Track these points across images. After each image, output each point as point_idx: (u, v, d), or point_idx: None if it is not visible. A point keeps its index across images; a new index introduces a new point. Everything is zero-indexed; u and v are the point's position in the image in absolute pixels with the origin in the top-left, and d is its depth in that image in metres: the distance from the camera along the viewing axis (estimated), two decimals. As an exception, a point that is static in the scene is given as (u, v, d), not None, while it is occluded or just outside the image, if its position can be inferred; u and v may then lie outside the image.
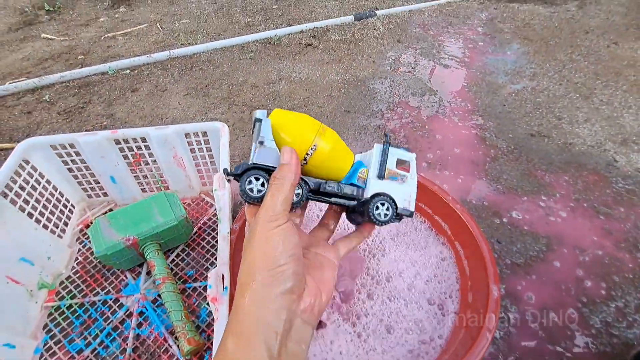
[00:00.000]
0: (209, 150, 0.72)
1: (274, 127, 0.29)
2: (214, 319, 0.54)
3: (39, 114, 1.12)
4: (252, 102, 1.15)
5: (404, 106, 1.14)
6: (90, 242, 0.69)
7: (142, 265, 0.67)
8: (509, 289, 0.66)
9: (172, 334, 0.57)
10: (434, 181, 0.58)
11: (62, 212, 0.70)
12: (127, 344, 0.56)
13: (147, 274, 0.66)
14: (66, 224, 0.71)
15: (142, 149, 0.70)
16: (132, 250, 0.62)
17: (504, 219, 0.78)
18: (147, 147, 0.69)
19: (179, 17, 1.83)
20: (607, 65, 1.35)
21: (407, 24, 1.70)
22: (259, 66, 1.37)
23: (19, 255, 0.57)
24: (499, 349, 0.58)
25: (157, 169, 0.74)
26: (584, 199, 0.84)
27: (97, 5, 2.00)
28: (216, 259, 0.69)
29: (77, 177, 0.72)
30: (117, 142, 0.68)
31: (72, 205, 0.74)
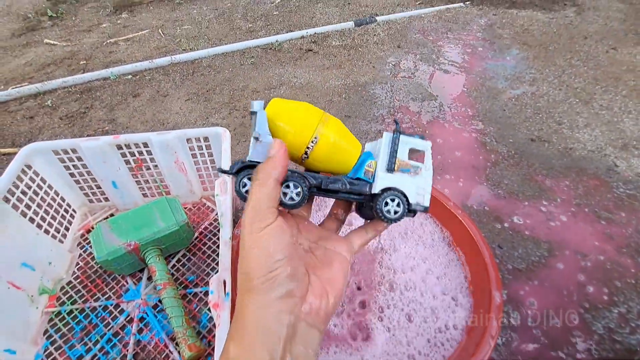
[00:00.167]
0: (210, 155, 0.72)
1: (271, 119, 0.27)
2: (215, 325, 0.54)
3: (41, 119, 1.12)
4: (253, 107, 1.16)
5: (404, 111, 1.15)
6: (91, 247, 0.69)
7: (143, 270, 0.67)
8: (510, 295, 0.66)
9: (173, 339, 0.57)
10: (435, 187, 0.58)
11: (63, 217, 0.70)
12: (127, 350, 0.56)
13: (148, 279, 0.65)
14: (67, 229, 0.71)
15: (143, 154, 0.70)
16: (133, 255, 0.62)
17: (505, 224, 0.78)
18: (149, 152, 0.70)
19: (181, 23, 1.84)
20: (606, 70, 1.36)
21: (406, 29, 1.72)
22: (260, 71, 1.38)
23: (20, 260, 0.57)
24: (501, 354, 0.58)
25: (159, 174, 0.74)
26: (585, 204, 0.84)
27: (100, 11, 2.01)
28: (217, 264, 0.68)
29: (78, 182, 0.72)
30: (119, 147, 0.69)
31: (74, 210, 0.74)
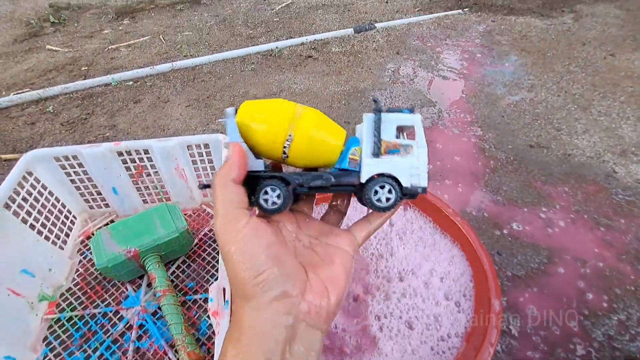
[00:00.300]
0: (211, 162, 0.72)
1: (243, 123, 0.25)
2: (214, 332, 0.54)
3: (42, 124, 1.13)
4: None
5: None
6: (91, 253, 0.69)
7: (142, 277, 0.67)
8: (510, 301, 0.66)
9: (172, 347, 0.57)
10: (435, 193, 0.59)
11: (63, 223, 0.70)
12: (126, 357, 0.56)
13: (148, 286, 0.65)
14: (67, 235, 0.71)
15: (144, 161, 0.70)
16: (133, 262, 0.62)
17: (505, 231, 0.78)
18: (150, 159, 0.70)
19: (182, 30, 1.86)
20: (604, 76, 1.37)
21: (405, 36, 1.73)
22: (260, 78, 1.38)
23: (21, 267, 0.57)
24: (501, 362, 0.58)
25: (159, 180, 0.74)
26: (584, 210, 0.84)
27: (102, 17, 2.03)
28: (216, 271, 0.69)
29: (79, 189, 0.72)
30: (120, 153, 0.69)
31: (74, 216, 0.74)
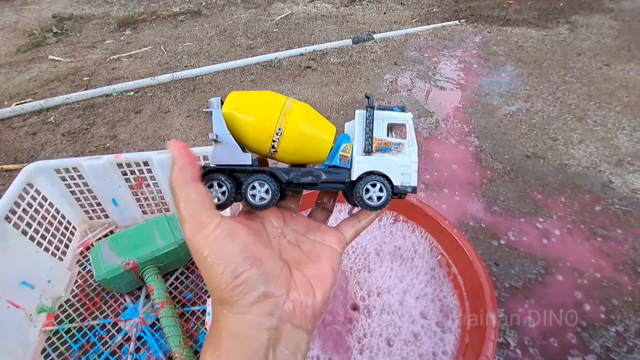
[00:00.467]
0: (210, 173, 0.73)
1: (230, 115, 0.25)
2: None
3: (43, 135, 1.14)
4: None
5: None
6: (90, 264, 0.70)
7: (141, 288, 0.67)
8: (507, 313, 0.66)
9: (171, 359, 0.57)
10: (432, 205, 0.59)
11: (63, 234, 0.71)
12: (124, 370, 0.56)
13: (146, 298, 0.66)
14: (67, 247, 0.71)
15: (144, 172, 0.71)
16: (132, 273, 0.62)
17: (502, 241, 0.79)
18: (149, 171, 0.71)
19: (183, 40, 1.88)
20: (600, 86, 1.38)
21: (403, 47, 1.76)
22: (260, 88, 1.40)
23: (20, 279, 0.58)
24: (499, 375, 0.58)
25: (158, 192, 0.75)
26: (581, 221, 0.84)
27: (104, 28, 2.06)
28: (215, 282, 0.69)
29: (79, 200, 0.73)
30: (120, 165, 0.70)
31: (74, 227, 0.75)
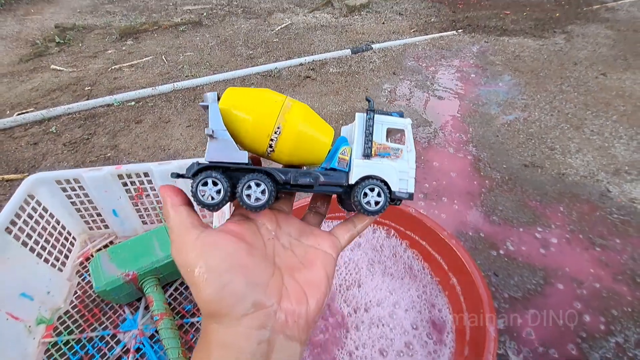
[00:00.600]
0: (210, 183, 0.73)
1: (227, 110, 0.24)
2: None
3: (45, 145, 1.15)
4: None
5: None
6: (89, 275, 0.70)
7: (140, 299, 0.67)
8: (507, 324, 0.66)
9: (169, 372, 0.56)
10: (431, 214, 0.60)
11: (63, 245, 0.71)
12: (122, 383, 0.55)
13: (146, 309, 0.65)
14: (67, 257, 0.71)
15: (144, 183, 0.72)
16: (131, 285, 0.62)
17: (501, 251, 0.79)
18: (149, 182, 0.71)
19: (184, 50, 1.90)
20: (596, 95, 1.40)
21: (401, 57, 1.78)
22: (260, 97, 1.41)
23: (20, 290, 0.58)
24: (499, 387, 0.57)
25: (159, 202, 0.75)
26: (579, 230, 0.85)
27: (106, 38, 2.08)
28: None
29: (79, 210, 0.73)
30: (121, 176, 0.70)
31: (73, 237, 0.75)
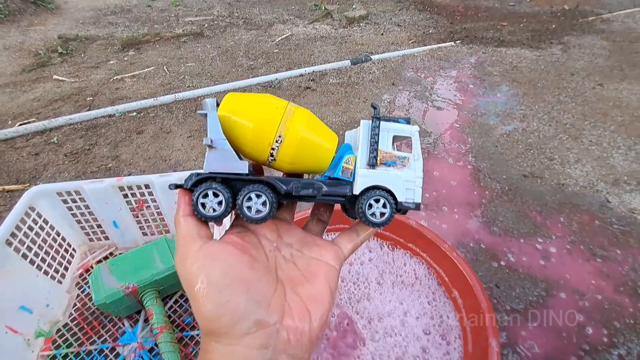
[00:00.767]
0: (211, 195, 0.74)
1: (226, 117, 0.23)
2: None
3: (46, 155, 1.15)
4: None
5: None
6: (89, 287, 0.69)
7: (140, 312, 0.66)
8: (509, 336, 0.65)
9: (168, 387, 0.56)
10: (431, 225, 0.60)
11: (63, 257, 0.71)
12: (121, 399, 0.55)
13: (145, 322, 0.65)
14: (66, 269, 0.71)
15: (145, 195, 0.72)
16: (131, 297, 0.62)
17: (502, 262, 0.79)
18: (150, 193, 0.71)
19: (185, 60, 1.92)
20: (594, 106, 1.41)
21: (400, 67, 1.80)
22: (261, 108, 1.42)
23: (19, 303, 0.57)
24: (502, 402, 0.57)
25: (159, 213, 0.75)
26: (580, 241, 0.85)
27: (108, 48, 2.11)
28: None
29: (80, 222, 0.73)
30: (121, 188, 0.70)
31: (73, 249, 0.75)
